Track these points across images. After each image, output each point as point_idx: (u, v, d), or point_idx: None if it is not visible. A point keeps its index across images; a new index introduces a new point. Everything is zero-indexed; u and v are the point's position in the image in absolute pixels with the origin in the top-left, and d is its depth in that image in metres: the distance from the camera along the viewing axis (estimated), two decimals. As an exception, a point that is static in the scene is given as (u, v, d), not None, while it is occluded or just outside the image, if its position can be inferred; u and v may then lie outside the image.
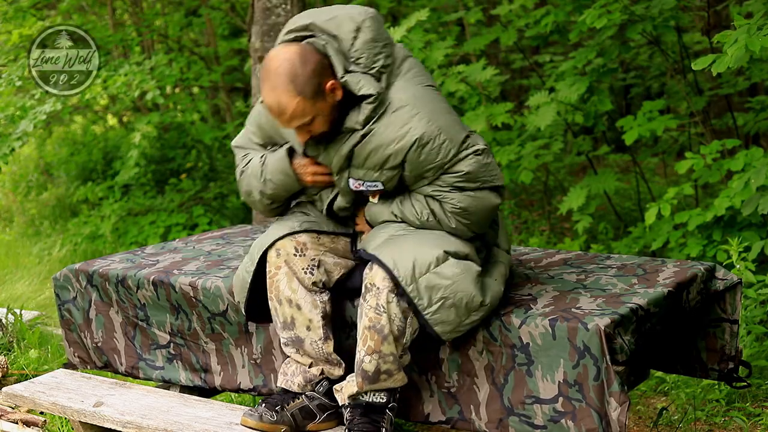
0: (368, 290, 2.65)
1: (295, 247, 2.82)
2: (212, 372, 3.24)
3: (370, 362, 2.66)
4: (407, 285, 2.59)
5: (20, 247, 7.72)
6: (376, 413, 2.72)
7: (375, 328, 2.63)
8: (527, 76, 7.72)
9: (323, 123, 2.64)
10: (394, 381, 2.70)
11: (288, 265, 2.81)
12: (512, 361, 2.66)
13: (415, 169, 2.66)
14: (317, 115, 2.61)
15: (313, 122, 2.62)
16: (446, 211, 2.69)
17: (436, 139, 2.61)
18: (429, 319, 2.60)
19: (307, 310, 2.81)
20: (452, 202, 2.67)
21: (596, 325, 2.53)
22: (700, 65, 3.67)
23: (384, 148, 2.64)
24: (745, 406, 3.60)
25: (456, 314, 2.61)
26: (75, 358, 3.53)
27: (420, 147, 2.61)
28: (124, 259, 3.51)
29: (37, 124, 6.35)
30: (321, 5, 8.27)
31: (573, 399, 2.57)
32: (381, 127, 2.63)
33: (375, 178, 2.70)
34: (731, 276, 3.02)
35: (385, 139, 2.63)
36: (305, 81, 2.56)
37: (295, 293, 2.81)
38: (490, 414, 2.72)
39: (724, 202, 4.34)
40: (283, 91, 2.56)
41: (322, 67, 2.60)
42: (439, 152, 2.62)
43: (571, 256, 3.29)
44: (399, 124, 2.61)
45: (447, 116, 2.67)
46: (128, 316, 3.37)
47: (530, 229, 6.42)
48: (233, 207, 7.57)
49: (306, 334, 2.82)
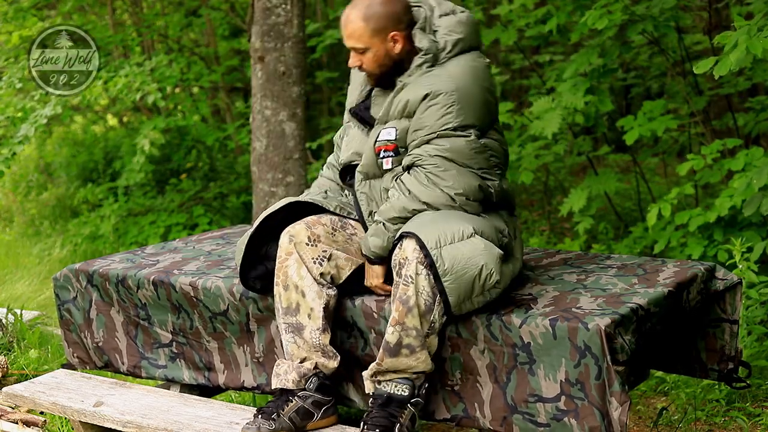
0: (401, 265, 2.68)
1: (308, 237, 2.87)
2: (216, 370, 3.24)
3: (392, 333, 2.67)
4: (431, 249, 2.63)
5: (20, 247, 7.73)
6: (395, 406, 2.71)
7: (401, 299, 2.66)
8: (527, 76, 7.72)
9: (374, 61, 2.85)
10: (416, 360, 2.69)
11: (299, 252, 2.85)
12: (514, 360, 2.66)
13: (416, 123, 2.80)
14: (370, 48, 2.83)
15: (365, 53, 2.85)
16: (421, 181, 2.77)
17: (447, 103, 2.77)
18: (446, 286, 2.63)
19: (311, 298, 2.84)
20: (429, 165, 2.78)
21: (596, 325, 2.53)
22: (701, 68, 3.66)
23: (407, 94, 2.81)
24: (745, 406, 3.60)
25: (471, 287, 2.63)
26: (74, 359, 3.54)
27: (429, 100, 2.78)
28: (124, 259, 3.51)
29: (38, 127, 6.37)
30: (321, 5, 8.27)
31: (575, 397, 2.58)
32: (421, 80, 2.81)
33: (393, 125, 2.84)
34: (731, 276, 3.02)
35: (416, 89, 2.81)
36: (377, 15, 2.82)
37: (303, 280, 2.84)
38: (494, 412, 2.72)
39: (726, 202, 4.34)
40: (357, 9, 2.84)
41: (397, 16, 2.84)
42: (440, 115, 2.77)
43: (571, 256, 3.30)
44: (432, 80, 2.80)
45: (473, 102, 2.81)
46: (129, 316, 3.37)
47: (530, 229, 6.43)
48: (233, 207, 7.57)
49: (307, 321, 2.84)
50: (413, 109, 2.81)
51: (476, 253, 2.64)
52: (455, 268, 2.62)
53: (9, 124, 6.53)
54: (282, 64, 5.45)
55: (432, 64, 2.84)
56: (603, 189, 5.33)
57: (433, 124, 2.77)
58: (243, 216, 7.35)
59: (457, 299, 2.64)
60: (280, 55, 5.44)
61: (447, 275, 2.63)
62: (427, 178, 2.77)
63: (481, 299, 2.68)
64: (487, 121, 2.86)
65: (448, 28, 2.88)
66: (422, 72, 2.83)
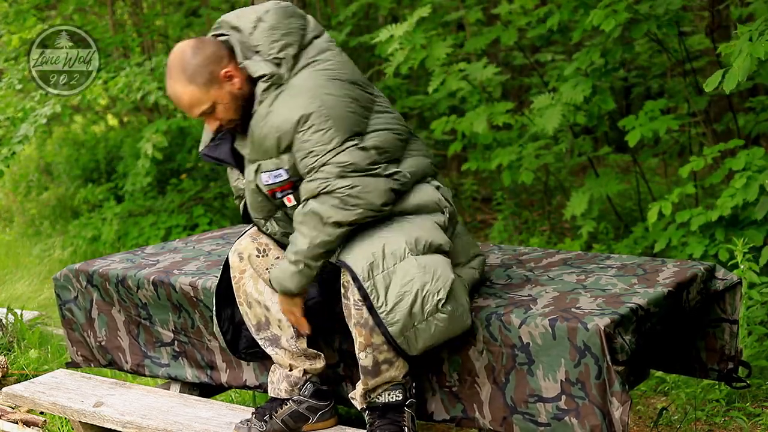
0: (346, 289, 2.64)
1: (257, 248, 2.82)
2: (218, 369, 3.24)
3: (366, 357, 2.65)
4: (364, 281, 2.56)
5: (20, 247, 7.73)
6: (394, 412, 2.71)
7: (360, 323, 2.63)
8: (528, 75, 7.72)
9: (227, 110, 2.67)
10: (397, 369, 2.68)
11: (252, 266, 2.81)
12: (513, 360, 2.66)
13: (301, 152, 2.60)
14: (216, 102, 2.65)
15: (215, 110, 2.66)
16: (338, 206, 2.58)
17: (322, 122, 2.58)
18: (383, 318, 2.55)
19: (275, 310, 2.81)
20: (341, 188, 2.57)
21: (596, 325, 2.53)
22: (711, 85, 3.65)
23: (276, 129, 2.61)
24: (745, 406, 3.60)
25: (410, 313, 2.55)
26: (78, 357, 3.54)
27: (304, 126, 2.58)
28: (124, 259, 3.51)
29: (38, 127, 6.37)
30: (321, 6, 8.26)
31: (576, 396, 2.58)
32: (276, 107, 2.62)
33: (276, 165, 2.65)
34: (731, 276, 3.02)
35: (276, 118, 2.61)
36: (196, 70, 2.63)
37: (262, 295, 2.81)
38: (493, 412, 2.72)
39: (728, 201, 4.34)
40: (176, 81, 2.66)
41: (216, 56, 2.64)
42: (323, 137, 2.58)
43: (571, 256, 3.29)
44: (290, 104, 2.61)
45: (343, 109, 2.62)
46: (131, 315, 3.37)
47: (530, 229, 6.42)
48: (233, 207, 7.56)
49: (280, 332, 2.83)
50: (288, 142, 2.62)
51: (410, 275, 2.55)
52: (389, 297, 2.55)
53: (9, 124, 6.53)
54: (282, 64, 5.43)
55: (278, 85, 2.65)
56: (604, 191, 5.32)
57: (320, 147, 2.58)
58: (243, 216, 7.34)
59: (397, 330, 2.56)
60: (280, 55, 5.42)
61: (381, 307, 2.56)
62: (343, 201, 2.58)
63: (426, 327, 2.57)
64: (364, 117, 2.69)
65: (268, 40, 2.68)
66: (272, 98, 2.64)
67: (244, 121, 2.70)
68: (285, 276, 2.67)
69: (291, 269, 2.65)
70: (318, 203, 2.60)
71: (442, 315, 2.58)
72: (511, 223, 6.46)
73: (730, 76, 3.58)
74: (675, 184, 6.11)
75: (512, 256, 3.32)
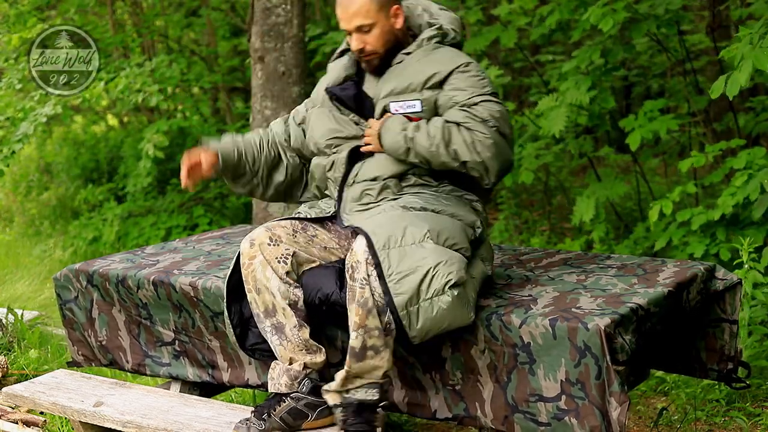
0: (354, 269, 2.66)
1: (270, 237, 2.85)
2: (219, 368, 3.24)
3: (356, 338, 2.66)
4: (379, 250, 2.62)
5: (20, 247, 7.73)
6: (369, 412, 2.71)
7: (359, 302, 2.64)
8: (528, 75, 7.72)
9: (378, 38, 2.89)
10: (381, 360, 2.67)
11: (263, 253, 2.84)
12: (514, 359, 2.66)
13: (453, 88, 2.84)
14: (376, 24, 2.87)
15: (371, 31, 2.88)
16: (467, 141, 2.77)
17: (480, 73, 2.88)
18: (390, 286, 2.60)
19: (280, 298, 2.83)
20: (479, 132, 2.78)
21: (596, 325, 2.53)
22: (716, 92, 3.67)
23: (431, 66, 2.86)
24: (745, 406, 3.60)
25: (417, 289, 2.59)
26: (79, 356, 3.54)
27: (466, 69, 2.86)
28: (124, 259, 3.51)
29: (38, 126, 6.37)
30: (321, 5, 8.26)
31: (576, 397, 2.58)
32: (435, 53, 2.91)
33: (415, 97, 2.86)
34: (731, 276, 3.02)
35: (440, 57, 2.89)
36: None
37: (270, 281, 2.83)
38: (495, 411, 2.72)
39: (729, 200, 4.34)
40: None
41: None
42: (479, 82, 2.85)
43: (571, 256, 3.30)
44: (451, 54, 2.91)
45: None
46: (131, 315, 3.37)
47: (531, 229, 6.43)
48: (233, 207, 7.57)
49: (285, 320, 2.84)
50: (442, 78, 2.85)
51: (425, 255, 2.61)
52: (400, 268, 2.60)
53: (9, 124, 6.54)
54: (282, 64, 5.45)
55: (440, 41, 2.94)
56: (608, 195, 5.32)
57: (474, 89, 2.83)
58: (243, 216, 7.35)
59: (402, 301, 2.60)
60: (280, 55, 5.44)
61: (392, 275, 2.61)
62: (473, 144, 2.78)
63: (429, 306, 2.60)
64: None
65: (450, 21, 2.99)
66: (431, 47, 2.91)
67: (383, 60, 2.92)
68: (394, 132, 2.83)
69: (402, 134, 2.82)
70: (455, 130, 2.79)
71: (446, 298, 2.59)
72: (511, 223, 6.47)
73: (732, 82, 3.59)
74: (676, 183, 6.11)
75: (512, 256, 3.33)
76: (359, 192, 2.91)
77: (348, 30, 2.91)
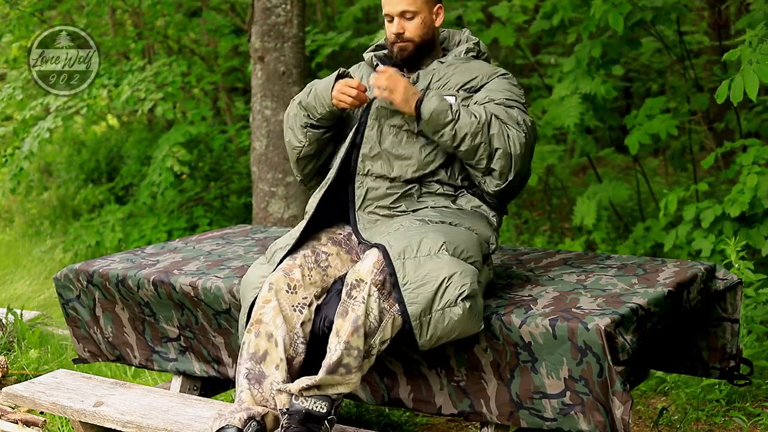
0: (353, 287, 2.65)
1: (288, 284, 2.80)
2: (224, 364, 3.24)
3: (335, 352, 2.62)
4: (395, 260, 2.64)
5: (20, 247, 7.73)
6: (314, 423, 2.63)
7: (351, 318, 2.62)
8: (528, 75, 7.72)
9: (418, 28, 2.96)
10: (347, 381, 2.63)
11: (278, 300, 2.78)
12: (516, 358, 2.66)
13: (491, 89, 2.93)
14: (419, 13, 2.95)
15: (413, 19, 2.95)
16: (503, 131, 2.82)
17: (517, 84, 3.00)
18: (405, 295, 2.61)
19: (281, 350, 2.73)
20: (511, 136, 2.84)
21: (597, 325, 2.53)
22: (721, 97, 3.69)
23: (469, 73, 2.97)
24: (745, 406, 3.60)
25: (432, 299, 2.61)
26: (85, 353, 3.53)
27: (504, 77, 2.98)
28: (124, 259, 3.51)
29: (42, 142, 6.44)
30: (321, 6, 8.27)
31: (580, 392, 2.58)
32: (472, 63, 3.01)
33: (450, 94, 2.92)
34: (731, 276, 3.02)
35: (472, 68, 2.99)
36: None
37: (277, 330, 2.75)
38: (500, 407, 2.73)
39: (737, 197, 4.36)
40: None
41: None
42: (517, 91, 2.96)
43: (571, 256, 3.29)
44: (488, 66, 3.03)
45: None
46: (134, 313, 3.37)
47: (531, 229, 6.43)
48: (233, 207, 7.57)
49: (271, 372, 2.73)
50: (481, 83, 2.95)
51: (440, 266, 2.63)
52: (416, 278, 2.62)
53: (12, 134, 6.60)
54: (282, 64, 5.45)
55: (476, 55, 3.05)
56: (610, 196, 5.31)
57: (512, 94, 2.92)
58: (243, 217, 7.35)
59: (416, 311, 2.60)
60: (280, 55, 5.44)
61: (407, 284, 2.62)
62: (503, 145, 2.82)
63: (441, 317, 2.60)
64: None
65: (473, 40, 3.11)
66: (468, 58, 3.02)
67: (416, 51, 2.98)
68: (436, 101, 2.82)
69: (446, 104, 2.83)
70: (494, 118, 2.83)
71: (458, 309, 2.60)
72: (512, 223, 6.46)
73: (735, 87, 3.61)
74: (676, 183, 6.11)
75: (512, 257, 3.33)
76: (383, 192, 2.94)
77: (391, 14, 2.97)
